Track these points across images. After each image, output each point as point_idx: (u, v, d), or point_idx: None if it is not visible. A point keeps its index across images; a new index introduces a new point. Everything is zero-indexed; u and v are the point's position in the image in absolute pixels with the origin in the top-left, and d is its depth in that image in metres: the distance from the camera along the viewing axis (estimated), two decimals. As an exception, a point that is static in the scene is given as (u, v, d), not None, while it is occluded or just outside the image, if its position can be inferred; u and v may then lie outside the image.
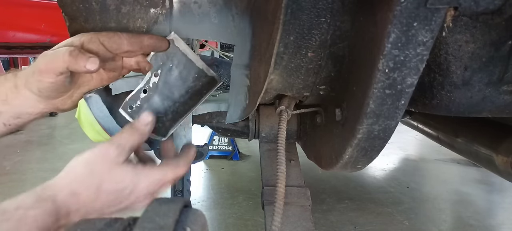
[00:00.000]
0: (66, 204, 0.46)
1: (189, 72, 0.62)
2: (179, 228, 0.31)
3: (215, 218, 2.00)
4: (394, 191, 2.45)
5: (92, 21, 0.62)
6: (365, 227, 1.95)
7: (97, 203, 0.49)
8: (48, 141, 3.30)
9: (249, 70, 0.69)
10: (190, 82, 0.63)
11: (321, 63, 0.63)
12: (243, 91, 0.70)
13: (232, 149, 2.94)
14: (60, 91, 0.56)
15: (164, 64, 0.61)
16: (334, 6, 0.56)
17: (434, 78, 0.57)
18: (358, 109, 0.54)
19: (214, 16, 0.64)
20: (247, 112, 0.71)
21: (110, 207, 0.50)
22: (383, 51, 0.45)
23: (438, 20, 0.42)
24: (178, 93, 0.62)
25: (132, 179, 0.51)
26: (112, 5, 0.62)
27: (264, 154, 0.92)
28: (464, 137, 1.21)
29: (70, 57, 0.50)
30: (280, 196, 0.61)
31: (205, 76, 0.64)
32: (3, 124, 0.57)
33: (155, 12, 0.63)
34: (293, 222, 0.70)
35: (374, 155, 0.62)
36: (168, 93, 0.62)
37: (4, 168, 2.56)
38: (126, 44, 0.56)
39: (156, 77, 0.61)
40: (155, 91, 0.61)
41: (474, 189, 2.55)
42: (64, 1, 0.60)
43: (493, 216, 2.20)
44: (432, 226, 2.00)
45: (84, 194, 0.48)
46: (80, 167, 0.49)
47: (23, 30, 1.71)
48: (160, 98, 0.61)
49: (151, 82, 0.61)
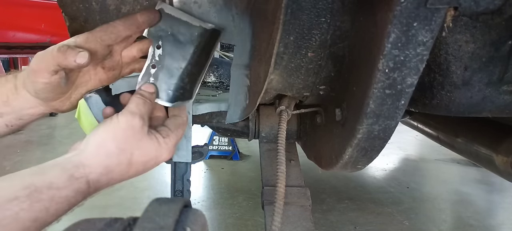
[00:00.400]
0: (99, 181, 0.48)
1: (188, 33, 0.62)
2: (179, 228, 0.31)
3: (215, 218, 2.00)
4: (394, 191, 2.45)
5: (92, 21, 0.62)
6: (365, 227, 1.95)
7: (126, 175, 0.51)
8: (48, 141, 3.30)
9: (249, 70, 0.69)
10: (193, 42, 0.62)
11: (321, 63, 0.63)
12: (243, 91, 0.70)
13: (232, 149, 2.94)
14: (56, 92, 0.55)
15: (163, 35, 0.60)
16: (334, 6, 0.56)
17: (434, 78, 0.57)
18: (358, 109, 0.54)
19: (214, 16, 0.64)
20: (247, 113, 0.71)
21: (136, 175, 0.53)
22: (383, 51, 0.45)
23: (438, 20, 0.42)
24: (186, 56, 0.62)
25: (156, 150, 0.53)
26: (112, 5, 0.62)
27: (264, 154, 0.92)
28: (464, 137, 1.21)
29: (58, 53, 0.50)
30: (280, 196, 0.61)
31: (205, 31, 0.63)
32: (5, 125, 0.57)
33: (155, 12, 0.63)
34: (293, 222, 0.70)
35: (374, 155, 0.62)
36: (177, 60, 0.61)
37: (4, 168, 2.55)
38: (122, 29, 0.56)
39: (159, 49, 0.60)
40: (164, 62, 0.61)
41: (474, 189, 2.55)
42: (64, 1, 0.60)
43: (493, 216, 2.20)
44: (432, 226, 2.00)
45: (117, 169, 0.49)
46: (110, 142, 0.49)
47: (23, 30, 1.71)
48: (171, 67, 0.61)
49: (157, 55, 0.60)
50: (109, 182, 0.49)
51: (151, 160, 0.53)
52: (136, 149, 0.50)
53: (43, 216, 0.41)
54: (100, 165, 0.48)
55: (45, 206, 0.41)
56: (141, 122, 0.51)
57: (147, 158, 0.52)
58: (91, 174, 0.47)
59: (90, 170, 0.47)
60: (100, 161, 0.48)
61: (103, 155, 0.48)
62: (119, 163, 0.49)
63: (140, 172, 0.53)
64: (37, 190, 0.41)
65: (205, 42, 0.63)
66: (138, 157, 0.51)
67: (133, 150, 0.50)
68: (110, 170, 0.48)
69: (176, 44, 0.61)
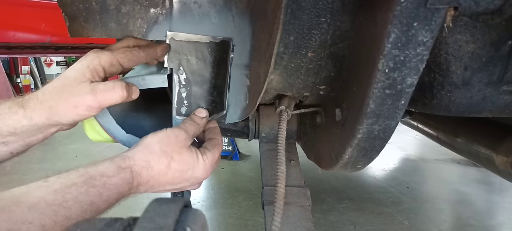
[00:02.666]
0: (140, 175, 0.53)
1: (201, 51, 0.65)
2: (179, 228, 0.31)
3: (215, 218, 2.00)
4: (394, 191, 2.45)
5: (92, 21, 0.62)
6: (365, 227, 1.95)
7: (164, 178, 0.56)
8: (48, 141, 3.27)
9: (249, 70, 0.69)
10: (209, 57, 0.66)
11: (321, 63, 0.63)
12: (243, 91, 0.70)
13: (232, 149, 2.94)
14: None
15: (180, 60, 0.65)
16: (334, 6, 0.56)
17: (434, 78, 0.57)
18: (358, 109, 0.54)
19: (214, 16, 0.64)
20: (247, 113, 0.71)
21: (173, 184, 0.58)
22: (383, 51, 0.45)
23: (438, 20, 0.42)
24: (207, 72, 0.66)
25: (194, 162, 0.58)
26: (112, 5, 0.62)
27: (264, 154, 0.92)
28: (464, 137, 1.21)
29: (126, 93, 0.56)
30: (280, 196, 0.61)
31: (215, 44, 0.65)
32: (10, 152, 0.57)
33: (155, 12, 0.64)
34: (293, 222, 0.70)
35: (374, 155, 0.62)
36: (201, 78, 0.66)
37: (4, 168, 2.55)
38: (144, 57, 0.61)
39: (182, 75, 0.65)
40: (190, 85, 0.66)
41: (474, 189, 2.55)
42: (64, 1, 0.60)
43: (493, 216, 2.20)
44: (432, 226, 2.00)
45: (156, 167, 0.54)
46: (155, 144, 0.55)
47: (23, 30, 1.70)
48: (197, 86, 0.66)
49: (182, 80, 0.65)
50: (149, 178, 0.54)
51: (188, 170, 0.57)
52: (176, 154, 0.56)
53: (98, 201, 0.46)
54: (143, 159, 0.53)
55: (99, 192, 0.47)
56: (185, 135, 0.58)
57: (184, 166, 0.57)
58: (134, 166, 0.52)
59: (134, 162, 0.53)
60: (143, 155, 0.54)
61: (147, 152, 0.54)
62: (159, 161, 0.54)
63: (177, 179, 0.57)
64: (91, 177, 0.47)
65: (219, 54, 0.66)
66: (176, 162, 0.56)
67: (174, 154, 0.56)
68: (151, 165, 0.54)
69: (195, 65, 0.66)
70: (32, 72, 5.48)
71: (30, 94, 0.55)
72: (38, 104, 0.53)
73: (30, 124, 0.53)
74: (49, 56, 6.67)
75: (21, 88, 5.12)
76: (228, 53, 0.66)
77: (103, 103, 0.55)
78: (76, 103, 0.53)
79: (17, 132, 0.54)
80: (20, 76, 5.16)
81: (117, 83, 0.55)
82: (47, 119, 0.53)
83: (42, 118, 0.53)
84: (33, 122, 0.53)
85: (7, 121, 0.53)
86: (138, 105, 0.82)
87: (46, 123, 0.54)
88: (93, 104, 0.53)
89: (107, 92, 0.54)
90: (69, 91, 0.53)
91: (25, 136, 0.55)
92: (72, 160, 2.87)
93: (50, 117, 0.53)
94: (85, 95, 0.53)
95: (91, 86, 0.53)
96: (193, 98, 0.66)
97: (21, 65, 5.17)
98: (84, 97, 0.53)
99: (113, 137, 0.70)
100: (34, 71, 5.55)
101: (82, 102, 0.53)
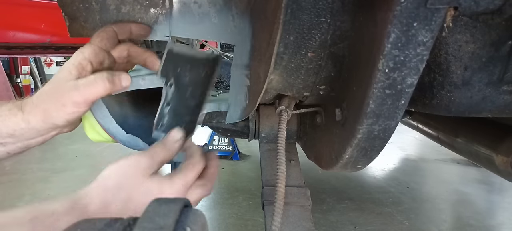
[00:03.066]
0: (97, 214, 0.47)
1: (196, 66, 0.63)
2: (179, 228, 0.31)
3: (215, 218, 2.00)
4: (394, 191, 2.45)
5: (92, 21, 0.62)
6: (365, 227, 1.95)
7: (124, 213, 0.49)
8: (48, 141, 3.29)
9: (249, 70, 0.69)
10: (201, 73, 0.64)
11: (321, 63, 0.63)
12: (243, 91, 0.70)
13: (232, 149, 2.94)
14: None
15: (173, 73, 0.62)
16: (334, 6, 0.56)
17: (434, 78, 0.57)
18: (358, 109, 0.54)
19: (214, 16, 0.65)
20: (247, 112, 0.71)
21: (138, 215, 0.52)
22: (383, 51, 0.45)
23: (438, 20, 0.42)
24: (195, 88, 0.64)
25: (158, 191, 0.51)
26: (112, 5, 0.62)
27: (264, 154, 0.92)
28: (464, 137, 1.21)
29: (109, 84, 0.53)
30: (280, 196, 0.61)
31: (208, 61, 0.64)
32: (7, 153, 0.57)
33: (155, 12, 0.64)
34: (293, 222, 0.70)
35: (374, 155, 0.62)
36: (188, 94, 0.63)
37: (4, 168, 2.55)
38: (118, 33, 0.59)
39: (171, 87, 0.62)
40: (176, 99, 0.62)
41: (474, 189, 2.55)
42: (64, 1, 0.60)
43: (493, 216, 2.20)
44: (432, 226, 2.00)
45: (114, 204, 0.49)
46: (112, 178, 0.50)
47: (23, 30, 1.70)
48: (182, 102, 0.63)
49: (170, 94, 0.62)
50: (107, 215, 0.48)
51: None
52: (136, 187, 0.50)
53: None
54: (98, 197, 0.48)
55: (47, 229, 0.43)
56: (148, 163, 0.52)
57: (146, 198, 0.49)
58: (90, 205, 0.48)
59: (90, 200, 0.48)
60: (98, 193, 0.49)
61: (102, 188, 0.49)
62: (115, 198, 0.49)
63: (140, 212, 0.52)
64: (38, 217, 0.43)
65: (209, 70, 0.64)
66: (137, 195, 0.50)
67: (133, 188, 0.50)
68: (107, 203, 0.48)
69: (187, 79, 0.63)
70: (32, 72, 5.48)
71: (28, 98, 0.55)
72: (34, 108, 0.53)
73: (28, 126, 0.53)
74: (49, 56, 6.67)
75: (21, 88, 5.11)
76: (215, 70, 0.64)
77: (89, 98, 0.52)
78: (63, 102, 0.52)
79: (16, 134, 0.54)
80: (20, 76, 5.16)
81: (99, 76, 0.53)
82: (43, 121, 0.53)
83: (39, 121, 0.53)
84: (31, 125, 0.53)
85: (7, 122, 0.53)
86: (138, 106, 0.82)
87: (44, 126, 0.54)
88: (78, 100, 0.52)
89: (89, 86, 0.52)
90: (57, 91, 0.53)
91: (24, 138, 0.55)
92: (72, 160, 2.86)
93: (46, 119, 0.53)
94: (69, 93, 0.52)
95: (74, 83, 0.52)
96: (174, 115, 0.63)
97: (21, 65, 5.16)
98: (69, 94, 0.52)
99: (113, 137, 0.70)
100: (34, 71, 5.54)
101: (68, 100, 0.52)
